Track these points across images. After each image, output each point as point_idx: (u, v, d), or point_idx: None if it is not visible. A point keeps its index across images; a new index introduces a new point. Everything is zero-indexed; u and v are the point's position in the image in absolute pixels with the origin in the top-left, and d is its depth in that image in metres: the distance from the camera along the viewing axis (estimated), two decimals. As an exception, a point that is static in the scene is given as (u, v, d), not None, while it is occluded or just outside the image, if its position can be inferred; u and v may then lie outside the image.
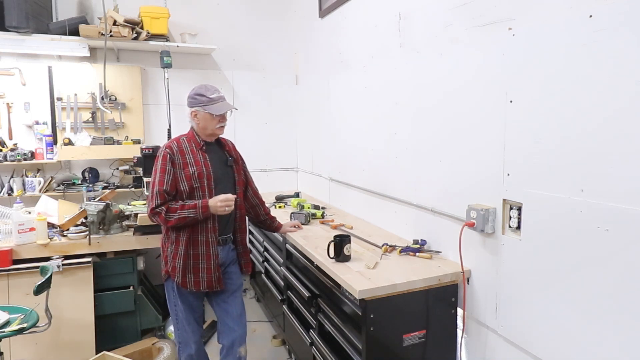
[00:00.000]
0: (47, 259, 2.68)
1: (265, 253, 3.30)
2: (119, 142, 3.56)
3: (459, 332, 2.00)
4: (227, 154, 2.31)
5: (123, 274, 2.97)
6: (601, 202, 1.35)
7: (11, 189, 3.41)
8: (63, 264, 2.69)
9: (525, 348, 1.67)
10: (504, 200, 1.75)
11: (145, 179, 3.05)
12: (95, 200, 3.07)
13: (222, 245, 2.24)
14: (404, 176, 2.48)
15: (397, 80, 2.49)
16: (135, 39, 3.49)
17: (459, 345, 2.01)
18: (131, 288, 2.97)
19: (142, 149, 3.03)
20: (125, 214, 3.03)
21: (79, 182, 3.61)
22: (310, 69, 3.99)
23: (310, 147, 4.06)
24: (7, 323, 2.24)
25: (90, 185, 3.60)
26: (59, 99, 3.58)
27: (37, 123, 3.54)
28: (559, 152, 1.49)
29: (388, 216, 2.69)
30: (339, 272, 1.96)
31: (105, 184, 3.65)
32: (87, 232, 2.81)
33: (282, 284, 2.87)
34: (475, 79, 1.87)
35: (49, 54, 3.53)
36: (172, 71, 3.78)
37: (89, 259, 2.78)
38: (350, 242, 2.11)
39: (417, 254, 2.17)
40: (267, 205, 2.63)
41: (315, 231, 2.69)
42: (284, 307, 2.80)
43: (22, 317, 2.28)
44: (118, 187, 3.63)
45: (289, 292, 2.76)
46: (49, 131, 3.53)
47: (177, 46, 3.72)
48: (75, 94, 3.62)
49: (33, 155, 3.47)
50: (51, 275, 2.34)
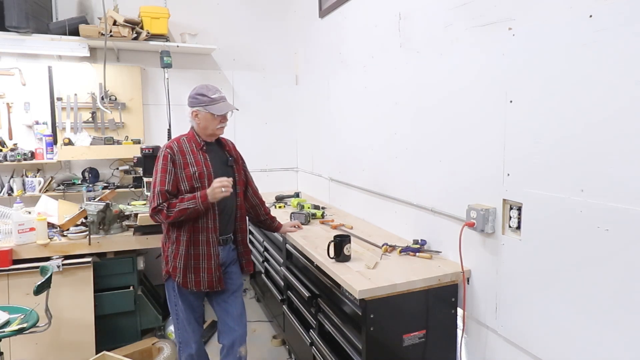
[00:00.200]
0: (47, 259, 2.69)
1: (265, 253, 3.30)
2: (119, 142, 3.56)
3: (459, 332, 2.00)
4: (227, 153, 2.32)
5: (123, 274, 2.97)
6: (601, 202, 1.35)
7: (11, 189, 3.42)
8: (63, 264, 2.69)
9: (525, 348, 1.67)
10: (504, 200, 1.75)
11: (145, 179, 3.05)
12: (95, 200, 3.07)
13: (223, 245, 2.24)
14: (404, 176, 2.48)
15: (397, 80, 2.49)
16: (135, 39, 3.49)
17: (459, 345, 2.01)
18: (131, 288, 2.98)
19: (142, 149, 3.03)
20: (125, 214, 3.03)
21: (79, 182, 3.61)
22: (310, 69, 3.99)
23: (310, 147, 4.06)
24: (7, 323, 2.24)
25: (90, 185, 3.60)
26: (59, 99, 3.58)
27: (37, 123, 3.54)
28: (559, 152, 1.49)
29: (388, 216, 2.69)
30: (339, 272, 1.96)
31: (105, 184, 3.66)
32: (87, 232, 2.81)
33: (282, 284, 2.87)
34: (476, 79, 1.87)
35: (49, 54, 3.53)
36: (172, 71, 3.78)
37: (89, 259, 2.78)
38: (350, 242, 2.11)
39: (417, 254, 2.17)
40: (267, 205, 2.63)
41: (315, 231, 2.69)
42: (284, 307, 2.80)
43: (22, 317, 2.28)
44: (118, 187, 3.64)
45: (289, 292, 2.76)
46: (49, 131, 3.53)
47: (177, 46, 3.72)
48: (75, 94, 3.63)
49: (33, 155, 3.47)
50: (51, 275, 2.34)
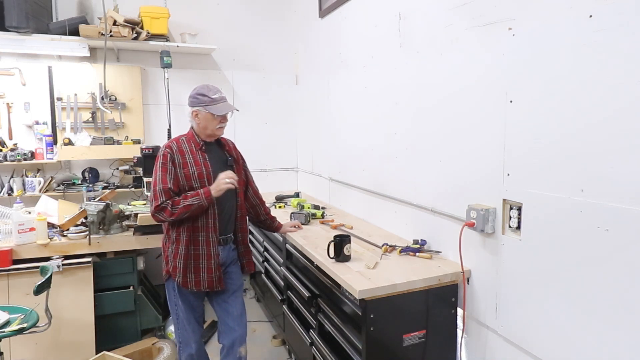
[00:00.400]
0: (47, 259, 2.68)
1: (265, 253, 3.30)
2: (119, 142, 3.56)
3: (459, 332, 2.00)
4: (227, 153, 2.31)
5: (123, 274, 2.97)
6: (601, 202, 1.35)
7: (11, 189, 3.42)
8: (63, 264, 2.69)
9: (525, 348, 1.67)
10: (504, 200, 1.75)
11: (145, 179, 3.05)
12: (95, 200, 3.07)
13: (223, 245, 2.24)
14: (404, 176, 2.48)
15: (397, 80, 2.49)
16: (135, 39, 3.49)
17: (459, 345, 2.01)
18: (131, 288, 2.98)
19: (142, 149, 3.03)
20: (125, 214, 3.03)
21: (79, 182, 3.61)
22: (310, 69, 3.99)
23: (310, 147, 4.06)
24: (7, 323, 2.24)
25: (90, 185, 3.60)
26: (59, 99, 3.58)
27: (37, 123, 3.54)
28: (558, 152, 1.49)
29: (388, 216, 2.69)
30: (339, 272, 1.96)
31: (105, 184, 3.65)
32: (87, 232, 2.81)
33: (282, 284, 2.87)
34: (476, 79, 1.87)
35: (49, 54, 3.53)
36: (172, 71, 3.78)
37: (89, 259, 2.78)
38: (350, 242, 2.11)
39: (417, 254, 2.17)
40: (267, 205, 2.63)
41: (315, 231, 2.69)
42: (284, 307, 2.80)
43: (22, 317, 2.28)
44: (118, 187, 3.64)
45: (289, 292, 2.76)
46: (49, 131, 3.53)
47: (177, 46, 3.72)
48: (75, 94, 3.63)
49: (33, 155, 3.47)
50: (51, 275, 2.34)
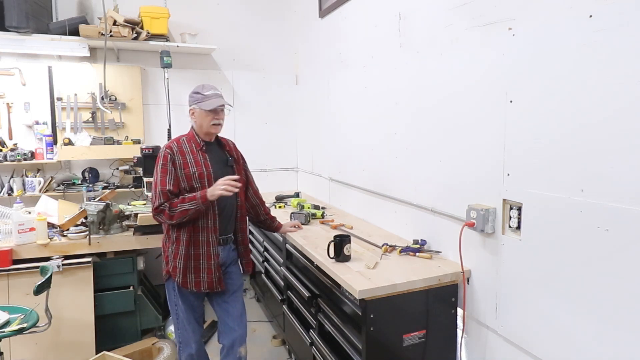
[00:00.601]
0: (47, 259, 2.68)
1: (265, 253, 3.30)
2: (119, 142, 3.56)
3: (459, 332, 2.00)
4: (227, 154, 2.31)
5: (123, 274, 2.97)
6: (601, 202, 1.35)
7: (11, 189, 3.41)
8: (63, 264, 2.69)
9: (525, 348, 1.67)
10: (504, 200, 1.75)
11: (146, 179, 3.05)
12: (95, 200, 3.07)
13: (223, 245, 2.24)
14: (404, 176, 2.48)
15: (397, 80, 2.49)
16: (135, 39, 3.49)
17: (459, 345, 2.01)
18: (131, 288, 2.97)
19: (142, 149, 3.03)
20: (125, 214, 3.03)
21: (79, 182, 3.61)
22: (310, 69, 3.99)
23: (310, 147, 4.06)
24: (7, 323, 2.24)
25: (90, 185, 3.60)
26: (59, 99, 3.58)
27: (37, 123, 3.54)
28: (559, 152, 1.49)
29: (388, 216, 2.69)
30: (339, 272, 1.96)
31: (105, 184, 3.65)
32: (87, 232, 2.81)
33: (282, 284, 2.87)
34: (476, 79, 1.87)
35: (49, 54, 3.53)
36: (172, 71, 3.78)
37: (89, 259, 2.78)
38: (350, 242, 2.11)
39: (417, 254, 2.17)
40: (267, 205, 2.63)
41: (315, 231, 2.69)
42: (284, 307, 2.80)
43: (22, 317, 2.28)
44: (118, 187, 3.64)
45: (289, 292, 2.76)
46: (49, 131, 3.53)
47: (177, 46, 3.72)
48: (75, 94, 3.62)
49: (33, 155, 3.47)
50: (51, 275, 2.34)
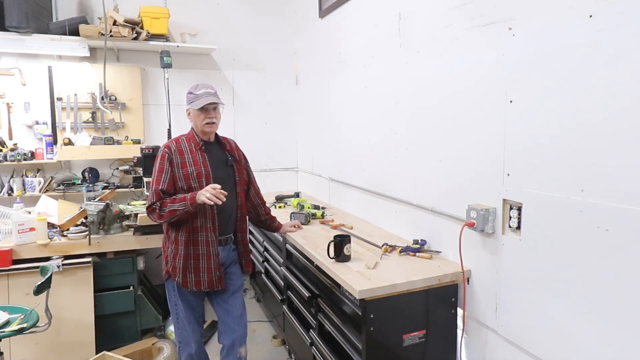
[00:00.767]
0: (47, 259, 2.68)
1: (265, 253, 3.30)
2: (119, 142, 3.56)
3: (459, 332, 2.00)
4: (227, 153, 2.31)
5: (123, 274, 2.97)
6: (601, 202, 1.35)
7: (11, 189, 3.41)
8: (63, 264, 2.69)
9: (525, 348, 1.67)
10: (504, 200, 1.75)
11: (145, 179, 3.05)
12: (95, 200, 3.07)
13: (223, 245, 2.24)
14: (404, 176, 2.48)
15: (397, 80, 2.49)
16: (135, 39, 3.49)
17: (459, 345, 2.01)
18: (131, 288, 2.98)
19: (142, 149, 3.03)
20: (125, 214, 3.03)
21: (79, 182, 3.61)
22: (310, 69, 3.98)
23: (310, 147, 4.06)
24: (7, 323, 2.24)
25: (90, 185, 3.60)
26: (59, 99, 3.58)
27: (37, 123, 3.54)
28: (558, 152, 1.49)
29: (388, 216, 2.69)
30: (339, 272, 1.96)
31: (105, 184, 3.65)
32: (87, 232, 2.81)
33: (282, 284, 2.87)
34: (476, 79, 1.87)
35: (49, 54, 3.53)
36: (172, 71, 3.78)
37: (89, 259, 2.78)
38: (350, 242, 2.11)
39: (417, 254, 2.17)
40: (267, 205, 2.63)
41: (315, 231, 2.69)
42: (284, 307, 2.80)
43: (22, 317, 2.28)
44: (118, 187, 3.64)
45: (289, 292, 2.76)
46: (49, 131, 3.53)
47: (177, 46, 3.72)
48: (75, 94, 3.62)
49: (33, 155, 3.47)
50: (51, 275, 2.34)
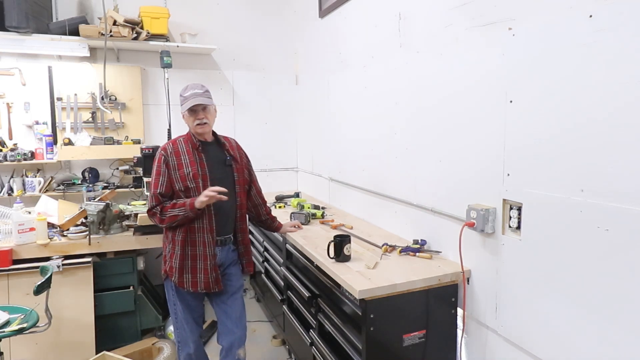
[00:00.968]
0: (47, 259, 2.68)
1: (265, 253, 3.30)
2: (119, 142, 3.56)
3: (459, 332, 2.00)
4: (226, 153, 2.29)
5: (123, 274, 2.97)
6: (601, 202, 1.35)
7: (11, 189, 3.41)
8: (63, 264, 2.69)
9: (525, 348, 1.67)
10: (504, 200, 1.75)
11: (145, 179, 3.05)
12: (95, 200, 3.07)
13: (222, 246, 2.23)
14: (404, 176, 2.48)
15: (397, 80, 2.49)
16: (135, 39, 3.49)
17: (459, 345, 2.01)
18: (131, 288, 2.98)
19: (142, 149, 3.03)
20: (125, 214, 3.03)
21: (79, 182, 3.61)
22: (310, 69, 3.98)
23: (310, 147, 4.06)
24: (7, 323, 2.24)
25: (90, 185, 3.60)
26: (59, 99, 3.58)
27: (37, 123, 3.54)
28: (558, 152, 1.49)
29: (388, 216, 2.69)
30: (339, 272, 1.96)
31: (105, 184, 3.65)
32: (87, 232, 2.81)
33: (282, 284, 2.87)
34: (476, 79, 1.87)
35: (49, 54, 3.53)
36: (172, 71, 3.78)
37: (89, 259, 2.78)
38: (350, 242, 2.11)
39: (417, 254, 2.17)
40: (268, 205, 2.63)
41: (315, 231, 2.69)
42: (284, 307, 2.80)
43: (22, 317, 2.28)
44: (118, 187, 3.64)
45: (289, 292, 2.76)
46: (49, 131, 3.53)
47: (177, 46, 3.72)
48: (75, 94, 3.62)
49: (33, 155, 3.47)
50: (51, 275, 2.34)
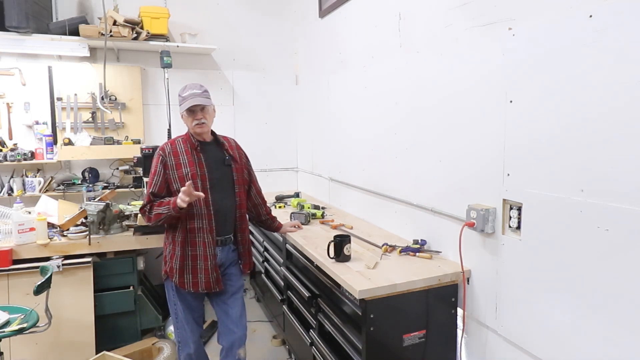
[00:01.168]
0: (47, 259, 2.68)
1: (265, 253, 3.30)
2: (119, 142, 3.56)
3: (459, 332, 2.00)
4: (225, 153, 2.29)
5: (123, 274, 2.97)
6: (601, 202, 1.35)
7: (11, 189, 3.41)
8: (63, 264, 2.69)
9: (525, 348, 1.67)
10: (504, 200, 1.75)
11: (145, 179, 3.05)
12: (95, 200, 3.07)
13: (222, 246, 2.23)
14: (404, 176, 2.48)
15: (397, 80, 2.49)
16: (135, 39, 3.49)
17: (459, 345, 2.01)
18: (131, 288, 2.98)
19: (142, 149, 3.03)
20: (125, 214, 3.03)
21: (79, 182, 3.61)
22: (310, 69, 3.98)
23: (310, 147, 4.06)
24: (7, 323, 2.24)
25: (90, 185, 3.60)
26: (59, 99, 3.58)
27: (37, 123, 3.54)
28: (558, 152, 1.49)
29: (388, 216, 2.69)
30: (339, 272, 1.96)
31: (105, 184, 3.65)
32: (87, 232, 2.80)
33: (282, 284, 2.87)
34: (476, 79, 1.87)
35: (49, 54, 3.53)
36: (172, 71, 3.78)
37: (89, 259, 2.78)
38: (350, 242, 2.11)
39: (417, 254, 2.17)
40: (268, 205, 2.63)
41: (315, 231, 2.69)
42: (284, 307, 2.80)
43: (22, 317, 2.28)
44: (118, 187, 3.64)
45: (289, 292, 2.76)
46: (49, 131, 3.53)
47: (177, 46, 3.72)
48: (75, 94, 3.62)
49: (33, 155, 3.47)
50: (51, 275, 2.34)
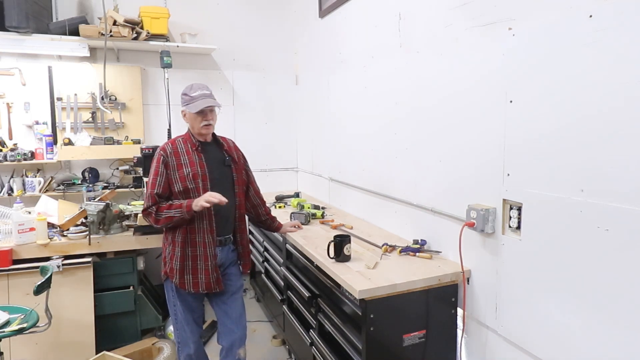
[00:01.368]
0: (47, 259, 2.68)
1: (265, 253, 3.30)
2: (119, 142, 3.56)
3: (459, 332, 2.00)
4: (225, 153, 2.29)
5: (123, 274, 2.97)
6: (601, 202, 1.35)
7: (11, 189, 3.41)
8: (63, 264, 2.69)
9: (525, 348, 1.67)
10: (504, 200, 1.75)
11: (145, 179, 3.04)
12: (95, 200, 3.07)
13: (222, 246, 2.23)
14: (404, 176, 2.48)
15: (397, 80, 2.49)
16: (135, 39, 3.49)
17: (459, 345, 2.01)
18: (131, 288, 2.98)
19: (142, 149, 3.03)
20: (125, 214, 3.03)
21: (79, 182, 3.61)
22: (310, 69, 3.98)
23: (310, 147, 4.06)
24: (7, 323, 2.24)
25: (90, 185, 3.60)
26: (59, 99, 3.58)
27: (37, 123, 3.54)
28: (559, 152, 1.49)
29: (388, 216, 2.69)
30: (339, 272, 1.96)
31: (105, 184, 3.65)
32: (87, 232, 2.81)
33: (282, 284, 2.87)
34: (476, 79, 1.87)
35: (49, 54, 3.53)
36: (172, 71, 3.78)
37: (89, 259, 2.78)
38: (350, 242, 2.11)
39: (417, 254, 2.17)
40: (267, 205, 2.63)
41: (315, 231, 2.69)
42: (284, 307, 2.80)
43: (22, 317, 2.28)
44: (118, 187, 3.64)
45: (289, 292, 2.76)
46: (49, 131, 3.53)
47: (177, 46, 3.72)
48: (75, 94, 3.62)
49: (33, 155, 3.47)
50: (51, 275, 2.34)
